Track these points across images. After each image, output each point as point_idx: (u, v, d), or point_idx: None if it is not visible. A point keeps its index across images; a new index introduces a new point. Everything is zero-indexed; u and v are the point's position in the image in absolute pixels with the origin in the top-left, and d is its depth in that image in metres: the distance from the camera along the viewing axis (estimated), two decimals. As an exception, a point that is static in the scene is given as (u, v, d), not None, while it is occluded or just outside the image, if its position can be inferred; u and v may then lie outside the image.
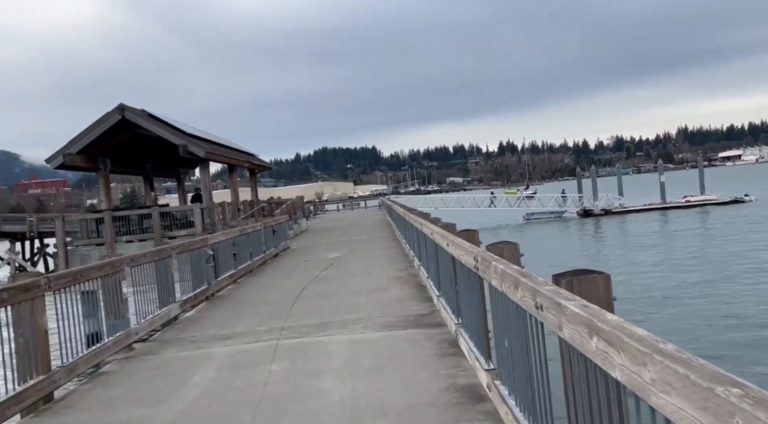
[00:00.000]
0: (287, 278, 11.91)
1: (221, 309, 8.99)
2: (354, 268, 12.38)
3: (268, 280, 11.88)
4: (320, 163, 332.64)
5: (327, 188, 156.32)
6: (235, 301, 9.65)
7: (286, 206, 25.11)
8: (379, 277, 10.69)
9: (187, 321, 8.24)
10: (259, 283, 11.55)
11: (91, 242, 19.61)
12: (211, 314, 8.61)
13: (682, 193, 51.57)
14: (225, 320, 8.08)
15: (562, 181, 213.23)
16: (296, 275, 12.24)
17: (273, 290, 10.49)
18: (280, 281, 11.48)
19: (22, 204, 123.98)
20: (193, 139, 20.75)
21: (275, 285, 11.02)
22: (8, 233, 44.26)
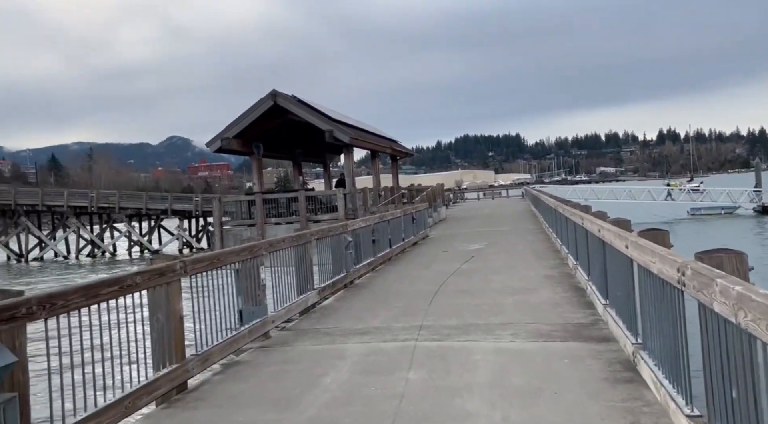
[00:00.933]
0: (426, 268, 11.34)
1: (358, 299, 8.63)
2: (497, 262, 11.48)
3: (406, 270, 11.41)
4: (461, 151, 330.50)
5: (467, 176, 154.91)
6: (373, 291, 9.25)
7: (426, 194, 24.67)
8: (527, 274, 9.71)
9: (323, 310, 7.97)
10: (397, 273, 11.11)
11: (243, 222, 20.70)
12: (348, 305, 8.27)
13: None
14: (361, 311, 7.67)
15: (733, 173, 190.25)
16: (435, 266, 11.63)
17: (411, 281, 9.97)
18: (419, 272, 10.94)
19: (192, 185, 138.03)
20: (339, 125, 20.98)
21: (413, 276, 10.49)
22: (178, 210, 49.19)
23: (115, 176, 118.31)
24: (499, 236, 17.17)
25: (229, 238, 20.43)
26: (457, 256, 12.89)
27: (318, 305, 8.26)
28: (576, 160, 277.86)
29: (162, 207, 49.13)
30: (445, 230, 21.31)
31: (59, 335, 3.56)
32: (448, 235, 18.93)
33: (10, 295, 3.26)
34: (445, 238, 17.94)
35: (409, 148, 33.32)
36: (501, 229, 19.73)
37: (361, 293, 9.18)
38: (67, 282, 30.14)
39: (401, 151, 29.89)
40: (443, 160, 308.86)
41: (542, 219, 19.93)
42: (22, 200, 48.50)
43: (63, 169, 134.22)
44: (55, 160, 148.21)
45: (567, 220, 9.81)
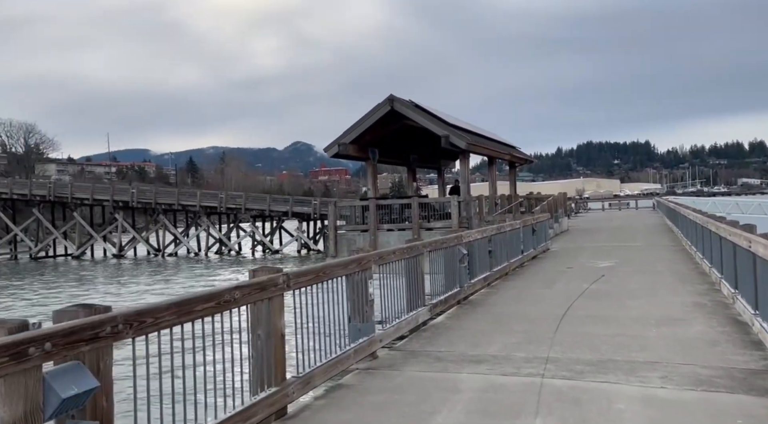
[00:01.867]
0: (548, 287, 10.33)
1: (473, 319, 7.90)
2: (632, 284, 10.19)
3: (525, 287, 10.47)
4: (583, 158, 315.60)
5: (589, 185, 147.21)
6: (489, 310, 8.47)
7: (547, 203, 23.22)
8: (671, 301, 8.42)
9: (435, 329, 7.34)
10: (515, 290, 10.21)
11: (357, 227, 20.66)
12: (462, 324, 7.57)
13: None
14: (476, 334, 6.95)
15: None
16: (559, 285, 10.57)
17: (532, 301, 9.05)
18: (541, 291, 9.96)
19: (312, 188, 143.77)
20: (456, 130, 20.31)
21: (535, 295, 9.55)
22: (298, 213, 51.07)
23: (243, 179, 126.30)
24: (632, 252, 15.55)
25: (343, 242, 20.48)
26: (584, 274, 11.69)
27: (429, 323, 7.66)
28: (714, 171, 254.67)
29: (283, 209, 51.27)
30: (568, 242, 19.83)
31: (147, 356, 3.25)
32: (571, 249, 17.53)
33: (96, 311, 2.98)
34: (569, 252, 16.59)
35: (529, 155, 31.82)
36: (633, 244, 17.95)
37: (476, 311, 8.44)
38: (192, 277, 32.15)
39: (520, 157, 28.55)
40: (563, 167, 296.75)
41: (681, 235, 17.88)
42: (161, 200, 52.83)
43: (199, 172, 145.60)
44: (193, 163, 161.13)
45: (723, 240, 8.39)
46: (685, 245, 15.83)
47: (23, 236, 53.28)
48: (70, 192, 54.15)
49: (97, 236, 52.83)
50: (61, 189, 55.44)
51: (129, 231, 52.87)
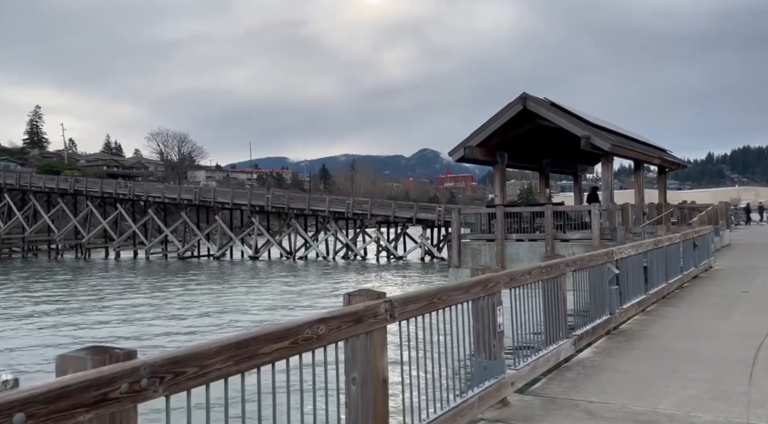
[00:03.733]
0: (723, 318, 8.34)
1: (630, 357, 6.34)
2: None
3: (692, 316, 8.55)
4: (738, 165, 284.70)
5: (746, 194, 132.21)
6: (649, 346, 6.82)
7: (706, 213, 20.14)
8: None
9: (580, 368, 5.91)
10: (679, 320, 8.35)
11: (482, 236, 19.27)
12: (616, 364, 6.06)
13: None
14: (638, 379, 5.43)
15: None
16: (736, 315, 8.53)
17: (705, 336, 7.22)
18: (713, 323, 8.03)
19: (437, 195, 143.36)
20: (598, 130, 18.22)
21: (706, 328, 7.67)
22: (422, 219, 50.43)
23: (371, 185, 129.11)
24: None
25: (467, 252, 19.20)
26: (766, 300, 9.44)
27: (572, 359, 6.23)
28: None
29: (407, 215, 50.93)
30: (734, 260, 16.89)
31: (189, 417, 2.34)
32: (740, 268, 14.78)
33: (114, 358, 2.11)
34: (738, 272, 13.95)
35: (682, 159, 28.24)
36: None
37: (633, 346, 6.83)
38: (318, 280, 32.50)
39: (671, 161, 25.33)
40: (714, 174, 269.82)
41: None
42: (293, 205, 54.92)
43: (330, 178, 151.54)
44: (325, 170, 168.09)
45: None
46: None
47: (172, 238, 58.03)
48: (213, 196, 58.14)
49: (236, 238, 56.12)
50: (205, 194, 59.71)
51: (264, 234, 55.54)
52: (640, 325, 8.00)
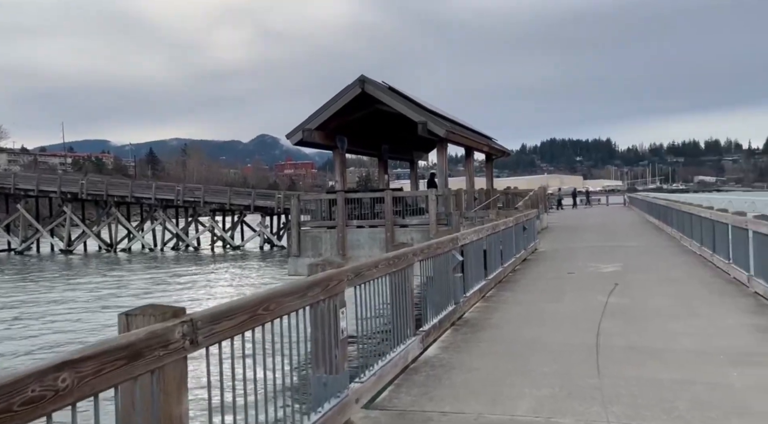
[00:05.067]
0: (558, 301, 8.45)
1: (478, 351, 5.92)
2: (658, 297, 8.39)
3: (530, 301, 8.56)
4: (547, 155, 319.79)
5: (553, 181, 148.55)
6: (495, 337, 6.51)
7: (529, 198, 21.51)
8: (723, 324, 6.61)
9: (429, 370, 5.33)
10: (519, 305, 8.29)
11: (323, 224, 18.52)
12: (465, 360, 5.58)
13: None
14: (490, 378, 4.97)
15: None
16: (569, 297, 8.71)
17: (544, 321, 7.14)
18: (551, 306, 8.06)
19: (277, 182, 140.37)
20: (434, 117, 18.34)
21: (546, 313, 7.64)
22: (261, 207, 48.44)
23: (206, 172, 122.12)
24: (633, 254, 13.87)
25: (307, 240, 18.32)
26: (592, 282, 9.88)
27: (420, 358, 5.64)
28: (672, 168, 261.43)
29: (245, 203, 48.61)
30: (555, 242, 18.12)
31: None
32: (562, 249, 15.79)
33: None
34: (561, 253, 14.84)
35: (506, 147, 30.13)
36: (629, 244, 16.32)
37: (479, 338, 6.46)
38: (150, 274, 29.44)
39: (498, 149, 26.80)
40: (528, 164, 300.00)
41: (679, 234, 16.35)
42: (113, 192, 49.47)
43: (160, 164, 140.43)
44: (153, 154, 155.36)
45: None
46: (689, 245, 14.25)
47: (-40, 230, 49.27)
48: (12, 183, 50.33)
49: (44, 229, 49.20)
50: (3, 179, 51.50)
51: (79, 225, 49.38)
52: (483, 313, 7.76)
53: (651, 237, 18.20)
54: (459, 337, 6.52)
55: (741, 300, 7.85)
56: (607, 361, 5.29)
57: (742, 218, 8.97)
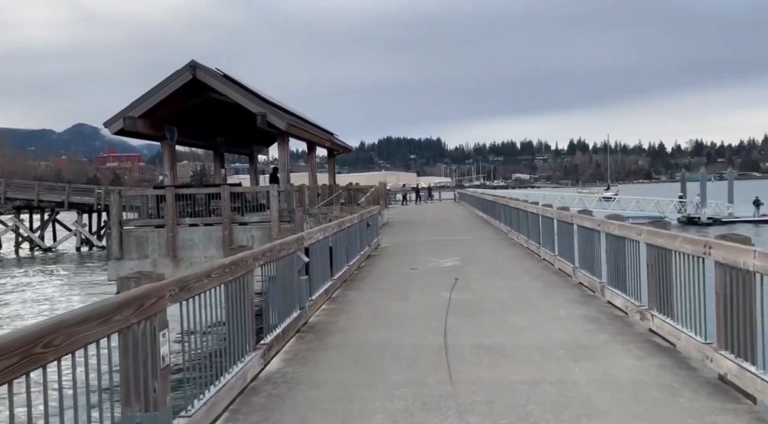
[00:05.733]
0: (404, 299, 8.29)
1: (324, 360, 5.44)
2: (496, 290, 8.62)
3: (377, 300, 8.30)
4: (384, 152, 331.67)
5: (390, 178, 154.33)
6: (343, 342, 6.08)
7: (371, 194, 21.64)
8: (557, 315, 6.89)
9: (271, 388, 4.72)
10: (366, 305, 7.98)
11: (150, 222, 16.76)
12: (311, 372, 5.07)
13: None
14: (338, 392, 4.51)
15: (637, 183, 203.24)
16: (414, 294, 8.61)
17: (392, 322, 6.88)
18: (398, 305, 7.86)
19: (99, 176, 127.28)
20: (274, 108, 17.52)
21: (393, 313, 7.40)
22: (77, 203, 43.21)
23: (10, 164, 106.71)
24: (468, 247, 14.42)
25: (131, 240, 16.44)
26: (435, 277, 9.94)
27: (261, 376, 5.00)
28: (493, 166, 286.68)
29: (58, 199, 43.05)
30: (396, 237, 18.37)
31: None
32: (404, 244, 15.99)
33: None
34: (403, 248, 14.98)
35: (347, 144, 30.15)
36: (463, 238, 17.03)
37: (326, 345, 5.98)
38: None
39: (340, 145, 26.67)
40: (366, 160, 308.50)
41: (506, 227, 17.46)
42: None
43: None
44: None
45: (610, 237, 7.05)
46: (516, 238, 15.21)
47: None
48: None
49: None
50: None
51: None
52: (330, 316, 7.31)
53: (482, 231, 19.26)
54: (305, 346, 5.99)
55: (569, 291, 8.34)
56: (458, 363, 5.12)
57: (568, 212, 9.60)
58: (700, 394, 4.18)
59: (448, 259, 12.22)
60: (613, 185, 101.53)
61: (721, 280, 4.35)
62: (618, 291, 6.92)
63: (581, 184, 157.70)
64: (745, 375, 3.95)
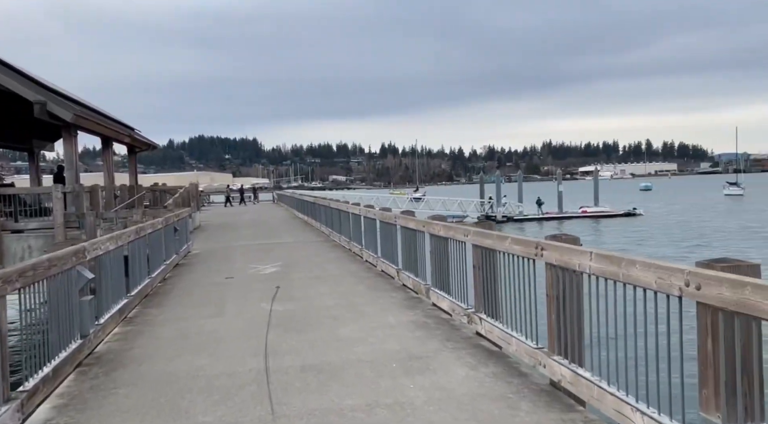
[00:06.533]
0: (219, 314, 7.30)
1: (112, 403, 4.32)
2: (321, 298, 8.04)
3: (186, 317, 7.19)
4: (195, 152, 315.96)
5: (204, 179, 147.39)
6: (140, 375, 4.97)
7: (180, 196, 19.75)
8: (385, 322, 6.51)
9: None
10: (171, 324, 6.84)
11: None
12: (87, 422, 3.95)
13: (550, 204, 51.65)
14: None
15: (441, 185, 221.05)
16: (230, 306, 7.68)
17: (204, 344, 5.91)
18: (211, 322, 6.86)
19: None
20: (57, 97, 14.97)
21: (205, 332, 6.40)
22: None
23: None
24: (288, 251, 13.69)
25: None
26: (254, 287, 9.06)
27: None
28: (311, 168, 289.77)
29: None
30: (209, 242, 16.92)
31: None
32: (218, 250, 14.69)
33: None
34: (218, 254, 13.72)
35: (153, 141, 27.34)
36: (283, 241, 16.23)
37: (117, 382, 4.83)
38: None
39: (143, 141, 24.01)
40: (176, 160, 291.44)
41: (327, 229, 17.09)
42: None
43: None
44: None
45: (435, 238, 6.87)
46: (338, 240, 14.87)
47: None
48: None
49: None
50: None
51: None
52: (124, 342, 6.07)
53: (303, 233, 18.65)
54: (87, 384, 4.77)
55: (394, 294, 8.08)
56: (282, 392, 4.40)
57: (391, 213, 9.39)
58: (538, 405, 4.00)
59: (269, 265, 11.37)
60: (421, 187, 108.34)
61: (553, 282, 4.24)
62: (443, 293, 6.77)
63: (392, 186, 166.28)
64: (579, 381, 3.84)
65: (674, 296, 2.92)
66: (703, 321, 2.80)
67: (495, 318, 5.40)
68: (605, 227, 43.31)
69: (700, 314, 2.82)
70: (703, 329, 2.80)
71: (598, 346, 3.77)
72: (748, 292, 2.43)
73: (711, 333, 2.75)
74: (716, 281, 2.61)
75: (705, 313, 2.78)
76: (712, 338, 2.74)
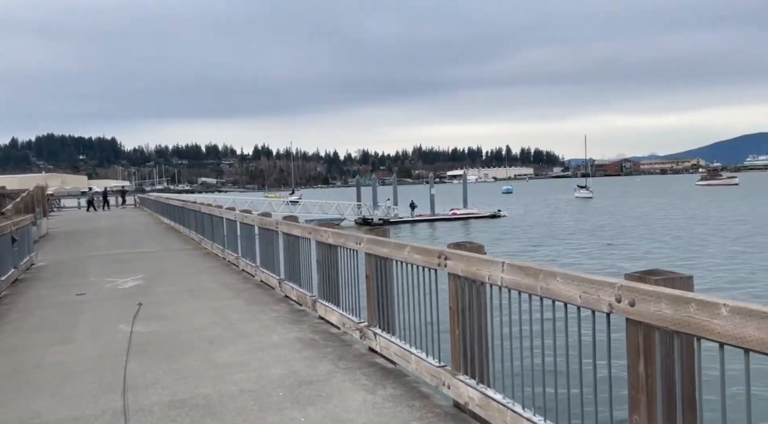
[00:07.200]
0: (65, 341, 6.18)
1: None
2: (192, 316, 7.16)
3: (23, 346, 5.98)
4: (44, 152, 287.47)
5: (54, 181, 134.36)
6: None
7: (22, 200, 17.27)
8: (270, 342, 5.86)
9: None
10: (6, 357, 5.63)
11: None
12: None
13: (422, 206, 53.72)
14: None
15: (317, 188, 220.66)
16: (82, 330, 6.57)
17: (45, 381, 4.88)
18: (53, 351, 5.75)
19: None
20: None
21: (46, 364, 5.32)
22: None
23: None
24: (153, 261, 12.37)
25: None
26: (111, 304, 7.91)
27: None
28: (177, 170, 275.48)
29: None
30: (60, 252, 14.92)
31: None
32: (69, 261, 12.94)
33: None
34: (68, 266, 12.04)
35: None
36: (146, 250, 14.72)
37: None
38: None
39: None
40: (20, 160, 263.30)
41: (197, 236, 15.84)
42: None
43: None
44: None
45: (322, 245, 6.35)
46: (210, 248, 13.77)
47: None
48: None
49: None
50: None
51: None
52: (-64, 385, 4.84)
53: (170, 240, 17.14)
54: None
55: (276, 308, 7.42)
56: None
57: (273, 219, 8.69)
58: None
59: (130, 277, 10.12)
60: (297, 190, 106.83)
61: (458, 294, 3.91)
62: (332, 306, 6.26)
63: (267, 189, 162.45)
64: (490, 405, 3.52)
65: (602, 312, 2.67)
66: (633, 340, 2.57)
67: (391, 333, 5.00)
68: (474, 228, 45.42)
69: (630, 332, 2.58)
70: (633, 350, 2.57)
71: (511, 366, 3.48)
72: (693, 309, 2.20)
73: (644, 354, 2.52)
74: (654, 296, 2.37)
75: (636, 331, 2.54)
76: (645, 359, 2.51)
